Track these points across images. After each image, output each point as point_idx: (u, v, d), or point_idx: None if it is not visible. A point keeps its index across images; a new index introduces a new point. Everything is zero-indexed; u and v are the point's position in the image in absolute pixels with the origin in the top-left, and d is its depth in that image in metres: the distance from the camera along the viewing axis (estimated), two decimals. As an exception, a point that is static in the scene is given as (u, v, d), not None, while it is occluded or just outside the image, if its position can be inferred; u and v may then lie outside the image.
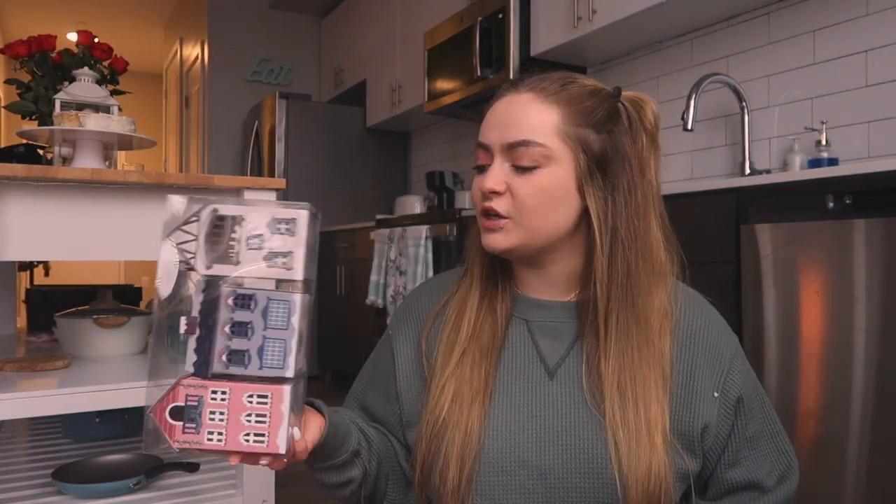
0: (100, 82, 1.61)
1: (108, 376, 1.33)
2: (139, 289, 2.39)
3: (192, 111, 5.18)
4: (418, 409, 0.82)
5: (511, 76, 2.81)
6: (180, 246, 0.62)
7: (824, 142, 1.99)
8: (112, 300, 1.74)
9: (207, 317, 0.61)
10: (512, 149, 0.76)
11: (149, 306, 1.90)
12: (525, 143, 0.75)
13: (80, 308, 1.67)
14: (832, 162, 1.97)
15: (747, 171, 2.22)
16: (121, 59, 1.81)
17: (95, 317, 1.56)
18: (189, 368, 0.61)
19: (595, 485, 0.73)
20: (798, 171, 1.74)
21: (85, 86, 1.55)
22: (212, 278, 0.62)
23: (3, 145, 1.98)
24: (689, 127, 2.12)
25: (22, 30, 6.29)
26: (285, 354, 0.61)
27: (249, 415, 0.61)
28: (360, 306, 3.36)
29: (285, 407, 0.61)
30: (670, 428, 0.74)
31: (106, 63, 1.79)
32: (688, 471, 0.76)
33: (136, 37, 6.45)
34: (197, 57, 4.96)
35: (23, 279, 3.19)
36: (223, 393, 0.61)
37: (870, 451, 1.38)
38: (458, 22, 3.17)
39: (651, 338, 0.76)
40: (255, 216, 0.62)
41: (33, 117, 1.72)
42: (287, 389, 0.61)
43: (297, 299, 0.61)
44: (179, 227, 0.62)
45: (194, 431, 0.61)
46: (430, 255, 2.84)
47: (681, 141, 2.54)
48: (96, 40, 1.77)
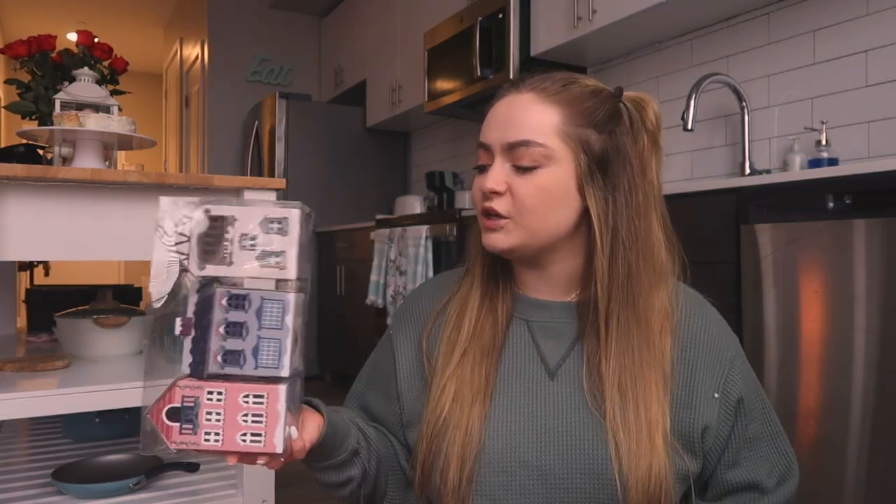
0: (100, 82, 1.61)
1: (108, 376, 1.33)
2: (139, 289, 2.39)
3: (192, 111, 5.18)
4: (419, 409, 0.82)
5: (511, 76, 2.81)
6: (173, 247, 0.61)
7: (824, 142, 1.99)
8: (112, 300, 1.74)
9: (202, 318, 0.61)
10: (512, 149, 0.76)
11: (148, 307, 1.90)
12: (525, 144, 0.75)
13: (80, 308, 1.67)
14: (832, 162, 1.97)
15: (747, 171, 2.22)
16: (121, 59, 1.81)
17: (95, 317, 1.56)
18: (185, 369, 0.61)
19: (595, 485, 0.73)
20: (798, 171, 1.74)
21: (85, 86, 1.55)
22: (205, 279, 0.62)
23: (3, 145, 1.98)
24: (689, 127, 2.12)
25: (22, 30, 6.29)
26: (280, 354, 0.61)
27: (246, 415, 0.61)
28: (360, 306, 3.36)
29: (281, 406, 0.61)
30: (671, 428, 0.74)
31: (106, 63, 1.80)
32: (688, 471, 0.76)
33: (136, 37, 6.45)
34: (197, 57, 4.96)
35: (23, 279, 3.19)
36: (219, 393, 0.61)
37: (870, 451, 1.38)
38: (458, 22, 3.17)
39: (652, 339, 0.76)
40: (247, 216, 0.62)
41: (33, 117, 1.73)
42: (283, 389, 0.61)
43: (290, 299, 0.61)
44: (171, 229, 0.62)
45: (191, 432, 0.61)
46: (430, 255, 2.84)
47: (681, 141, 2.53)
48: (96, 40, 1.77)
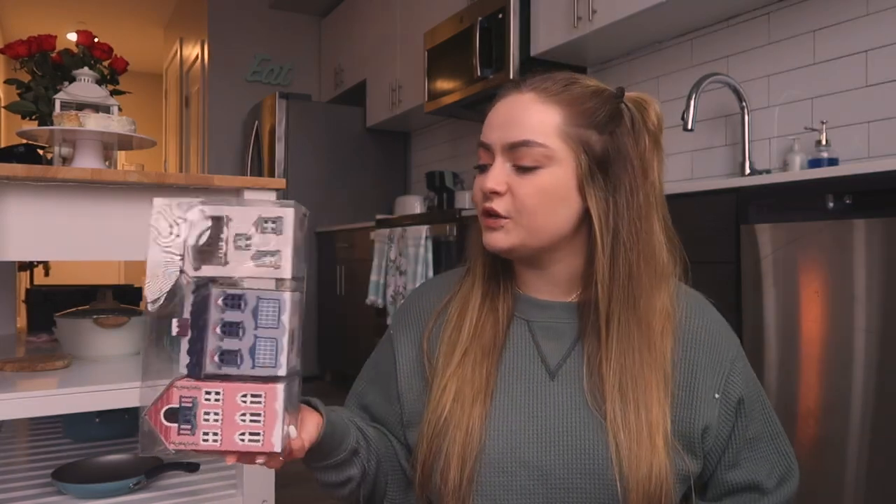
0: (100, 82, 1.61)
1: (108, 376, 1.33)
2: (139, 289, 2.38)
3: (192, 111, 5.17)
4: (419, 409, 0.82)
5: (511, 76, 2.81)
6: (167, 248, 0.61)
7: (824, 142, 1.99)
8: (112, 300, 1.74)
9: (198, 318, 0.61)
10: (513, 149, 0.76)
11: (146, 308, 1.90)
12: (526, 144, 0.75)
13: (80, 308, 1.67)
14: (832, 162, 1.97)
15: (747, 171, 2.22)
16: (121, 59, 1.81)
17: (95, 317, 1.56)
18: (182, 370, 0.61)
19: (596, 486, 0.73)
20: (798, 171, 1.74)
21: (85, 86, 1.55)
22: (201, 279, 0.61)
23: (3, 145, 1.98)
24: (689, 127, 2.12)
25: (22, 30, 6.29)
26: (277, 353, 0.61)
27: (244, 414, 0.61)
28: (360, 306, 3.36)
29: (279, 405, 0.61)
30: (671, 429, 0.74)
31: (106, 63, 1.80)
32: (688, 472, 0.76)
33: (136, 37, 6.45)
34: (197, 57, 4.96)
35: (23, 279, 3.19)
36: (217, 393, 0.61)
37: (870, 451, 1.38)
38: (458, 22, 3.17)
39: (653, 340, 0.76)
40: (241, 216, 0.62)
41: (33, 117, 1.73)
42: (280, 388, 0.61)
43: (286, 298, 0.61)
44: (166, 230, 0.62)
45: (190, 433, 0.61)
46: (430, 255, 2.84)
47: (681, 141, 2.53)
48: (96, 40, 1.77)
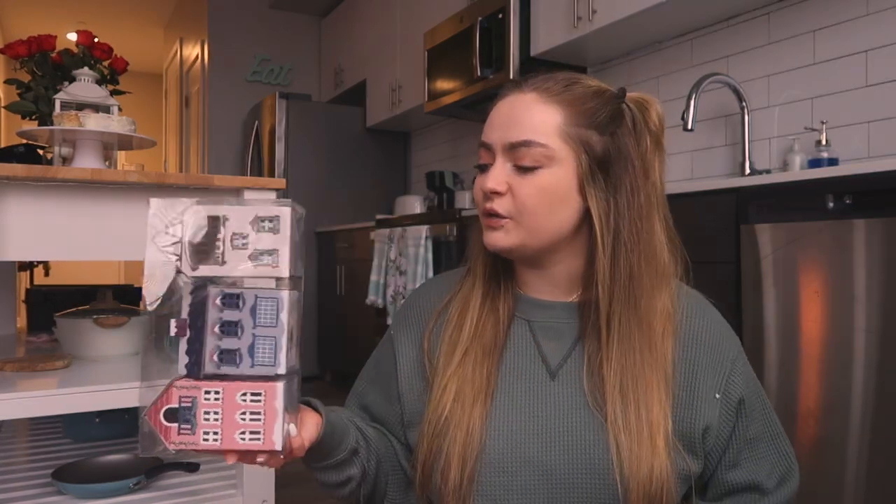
0: (100, 82, 1.61)
1: (108, 376, 1.33)
2: (139, 289, 2.35)
3: (192, 111, 5.17)
4: (420, 408, 0.82)
5: (511, 76, 2.81)
6: (165, 248, 0.61)
7: (824, 142, 1.99)
8: (112, 300, 1.74)
9: (196, 318, 0.61)
10: (514, 149, 0.76)
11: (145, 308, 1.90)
12: (527, 144, 0.75)
13: (80, 308, 1.67)
14: (832, 162, 1.97)
15: (747, 171, 2.22)
16: (121, 59, 1.81)
17: (95, 317, 1.56)
18: (181, 370, 0.61)
19: (598, 484, 0.73)
20: (798, 171, 1.74)
21: (85, 86, 1.55)
22: (199, 279, 0.61)
23: (3, 145, 1.98)
24: (689, 127, 2.12)
25: (22, 30, 6.29)
26: (276, 351, 0.61)
27: (244, 413, 0.61)
28: (360, 306, 3.36)
29: (279, 403, 0.61)
30: (672, 429, 0.74)
31: (106, 63, 1.79)
32: (689, 472, 0.76)
33: (136, 37, 6.45)
34: (197, 57, 4.96)
35: (23, 279, 3.19)
36: (216, 393, 0.61)
37: (870, 451, 1.38)
38: (458, 22, 3.17)
39: (654, 341, 0.76)
40: (238, 215, 0.62)
41: (33, 117, 1.72)
42: (280, 386, 0.61)
43: (284, 296, 0.61)
44: (163, 230, 0.62)
45: (190, 432, 0.61)
46: (430, 255, 2.84)
47: (681, 141, 2.53)
48: (96, 40, 1.77)
